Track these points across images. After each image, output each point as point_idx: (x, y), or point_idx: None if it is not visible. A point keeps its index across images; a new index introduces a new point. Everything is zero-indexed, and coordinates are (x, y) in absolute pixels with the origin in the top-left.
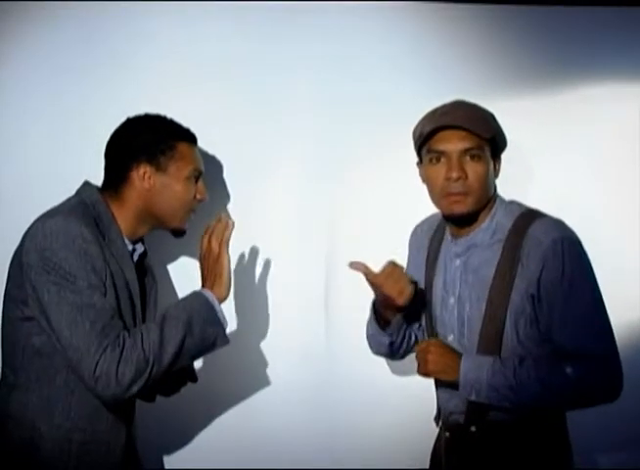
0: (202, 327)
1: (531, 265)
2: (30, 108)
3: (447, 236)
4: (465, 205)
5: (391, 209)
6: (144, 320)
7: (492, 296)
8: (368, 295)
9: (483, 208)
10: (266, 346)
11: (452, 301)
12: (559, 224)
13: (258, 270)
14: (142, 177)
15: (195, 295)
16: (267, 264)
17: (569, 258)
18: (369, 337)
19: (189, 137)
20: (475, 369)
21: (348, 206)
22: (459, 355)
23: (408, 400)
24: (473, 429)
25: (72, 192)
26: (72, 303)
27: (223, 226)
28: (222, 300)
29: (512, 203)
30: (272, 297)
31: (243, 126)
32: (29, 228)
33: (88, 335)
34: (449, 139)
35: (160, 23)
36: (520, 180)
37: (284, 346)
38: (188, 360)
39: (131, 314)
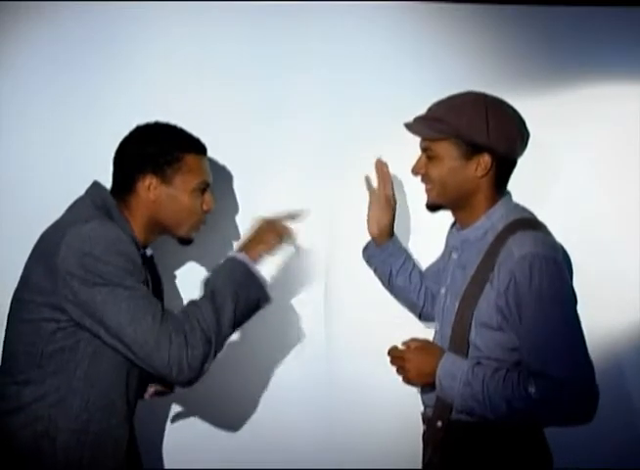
0: (247, 294)
1: (501, 277)
2: (32, 108)
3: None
4: (429, 197)
5: None
6: None
7: (465, 296)
8: (368, 294)
9: (477, 204)
10: (266, 346)
11: (443, 291)
12: (537, 240)
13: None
14: (147, 188)
15: (234, 264)
16: (267, 264)
17: (537, 276)
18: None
19: (197, 148)
20: (449, 377)
21: (349, 205)
22: (439, 356)
23: (408, 400)
24: (439, 424)
25: (75, 193)
26: (128, 300)
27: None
28: (254, 261)
29: (516, 206)
30: (272, 297)
31: (244, 126)
32: (59, 235)
33: (152, 329)
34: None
35: (163, 24)
36: (519, 179)
37: (284, 346)
38: (239, 327)
39: None
